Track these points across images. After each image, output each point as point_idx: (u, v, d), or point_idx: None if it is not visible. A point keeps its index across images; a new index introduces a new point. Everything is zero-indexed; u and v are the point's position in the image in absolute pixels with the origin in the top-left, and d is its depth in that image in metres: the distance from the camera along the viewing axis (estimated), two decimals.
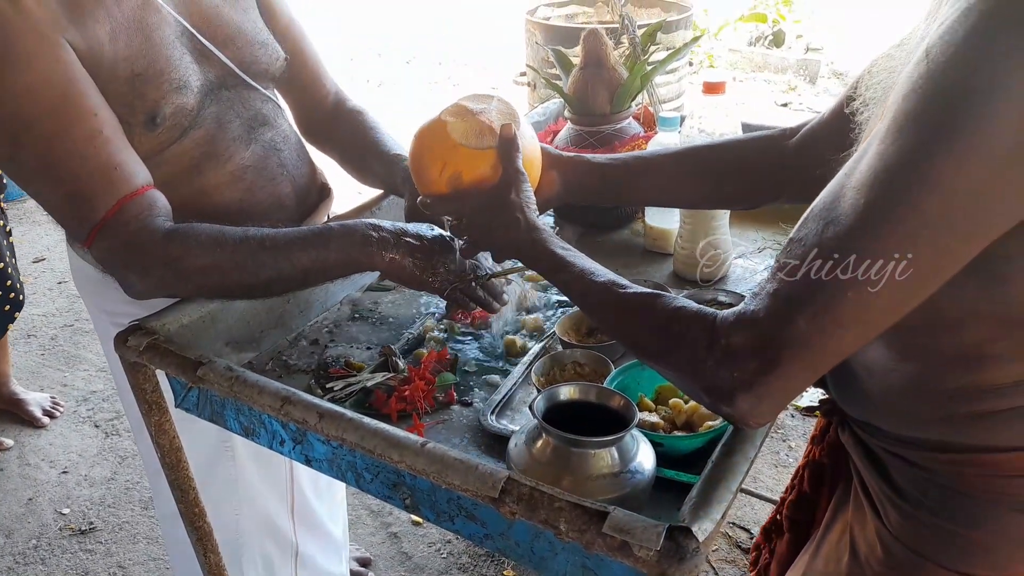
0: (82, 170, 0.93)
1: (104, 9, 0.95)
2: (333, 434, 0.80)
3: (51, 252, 3.43)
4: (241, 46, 1.10)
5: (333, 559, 1.53)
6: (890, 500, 0.73)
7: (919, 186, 0.54)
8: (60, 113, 0.91)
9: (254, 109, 1.13)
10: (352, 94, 1.37)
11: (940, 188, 0.53)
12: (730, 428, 0.78)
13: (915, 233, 0.55)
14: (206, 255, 0.94)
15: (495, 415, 0.97)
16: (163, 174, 1.03)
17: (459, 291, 1.02)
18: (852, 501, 0.80)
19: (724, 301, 1.14)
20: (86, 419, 2.43)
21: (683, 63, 3.63)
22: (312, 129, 1.31)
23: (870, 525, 0.76)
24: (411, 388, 1.01)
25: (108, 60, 0.95)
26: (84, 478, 2.19)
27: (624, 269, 1.33)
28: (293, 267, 0.96)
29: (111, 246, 0.95)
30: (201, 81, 1.04)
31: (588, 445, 0.75)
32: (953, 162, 0.53)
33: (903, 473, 0.72)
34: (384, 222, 1.02)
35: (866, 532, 0.76)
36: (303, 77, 1.26)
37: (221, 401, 0.95)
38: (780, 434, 2.22)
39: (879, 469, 0.75)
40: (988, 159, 0.52)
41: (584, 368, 1.02)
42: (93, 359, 2.71)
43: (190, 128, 1.04)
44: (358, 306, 1.25)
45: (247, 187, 1.11)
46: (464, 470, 0.71)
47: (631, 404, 0.80)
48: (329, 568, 1.52)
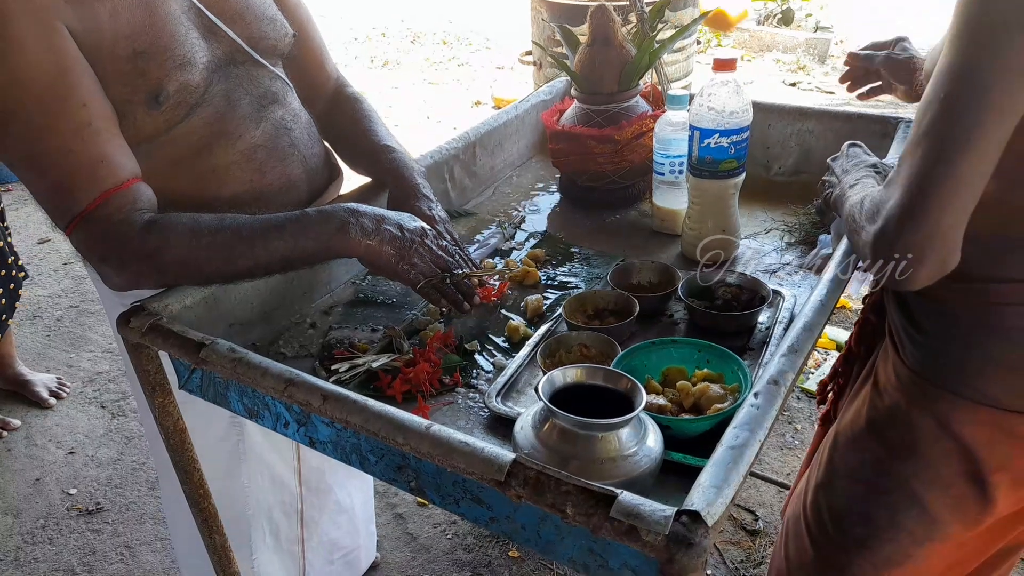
0: (67, 162, 0.91)
1: None
2: (337, 416, 0.79)
3: (56, 233, 3.42)
4: (250, 21, 1.08)
5: (344, 529, 1.52)
6: (907, 333, 0.91)
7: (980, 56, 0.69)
8: (48, 104, 0.89)
9: (263, 87, 1.11)
10: (356, 73, 1.35)
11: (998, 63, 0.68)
12: (739, 410, 0.77)
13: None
14: (183, 247, 0.94)
15: (500, 397, 0.96)
16: (171, 154, 1.02)
17: (431, 286, 1.01)
18: (881, 348, 0.98)
19: (732, 283, 1.13)
20: (92, 400, 2.43)
21: (691, 42, 3.59)
22: (310, 112, 1.30)
23: (891, 360, 0.94)
24: (416, 370, 1.00)
25: (108, 40, 0.93)
26: (91, 458, 2.20)
27: (632, 250, 1.32)
28: (270, 255, 0.96)
29: (89, 239, 0.94)
30: (208, 57, 1.02)
31: (595, 428, 0.74)
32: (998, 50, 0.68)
33: (921, 308, 0.89)
34: (364, 207, 1.00)
35: (887, 366, 0.94)
36: (306, 60, 1.24)
37: (224, 383, 0.94)
38: (786, 416, 2.22)
39: (904, 310, 0.91)
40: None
41: (590, 350, 1.01)
42: (99, 340, 2.72)
43: (197, 106, 1.02)
44: (361, 287, 1.24)
45: (258, 167, 1.09)
46: (469, 453, 0.70)
47: (638, 386, 0.79)
48: (337, 538, 1.51)
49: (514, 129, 1.62)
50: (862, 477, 0.98)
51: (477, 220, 1.44)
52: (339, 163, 1.30)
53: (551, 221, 1.44)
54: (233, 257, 0.95)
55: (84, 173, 0.92)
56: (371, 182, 1.28)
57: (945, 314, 0.88)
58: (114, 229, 0.93)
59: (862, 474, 0.98)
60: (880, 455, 0.96)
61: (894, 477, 0.94)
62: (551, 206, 1.50)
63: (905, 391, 0.92)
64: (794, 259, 1.26)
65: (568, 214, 1.47)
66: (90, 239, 0.94)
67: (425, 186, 1.17)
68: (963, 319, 0.86)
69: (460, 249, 1.10)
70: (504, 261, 1.29)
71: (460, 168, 1.48)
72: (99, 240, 0.94)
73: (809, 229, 1.29)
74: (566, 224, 1.43)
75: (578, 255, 1.32)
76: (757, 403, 0.74)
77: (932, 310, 0.89)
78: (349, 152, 1.28)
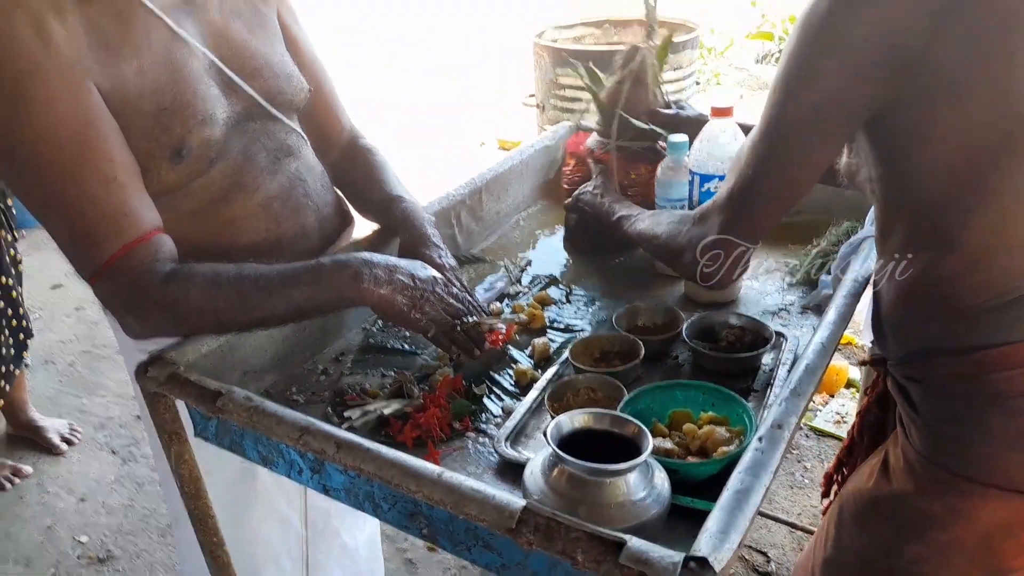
0: (92, 214, 0.95)
1: (132, 46, 0.97)
2: (351, 464, 0.81)
3: (68, 279, 3.46)
4: (268, 78, 1.12)
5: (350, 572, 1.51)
6: (911, 419, 0.89)
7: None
8: (76, 157, 0.93)
9: (279, 140, 1.15)
10: (363, 113, 1.39)
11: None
12: (744, 454, 0.78)
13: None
14: (202, 297, 0.97)
15: (510, 442, 0.98)
16: (190, 206, 1.06)
17: (441, 334, 1.04)
18: (892, 435, 0.96)
19: (735, 324, 1.15)
20: (104, 445, 2.45)
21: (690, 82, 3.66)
22: (324, 163, 1.34)
23: (900, 445, 0.92)
24: (426, 415, 1.02)
25: (134, 97, 0.97)
26: (102, 505, 2.20)
27: (636, 291, 1.34)
28: (287, 305, 0.99)
29: (113, 289, 0.97)
30: (227, 113, 1.06)
31: (603, 473, 0.76)
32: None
33: (917, 393, 0.88)
34: (377, 257, 1.03)
35: (896, 450, 0.93)
36: (321, 112, 1.29)
37: (240, 431, 0.96)
38: (795, 454, 2.21)
39: (905, 396, 0.91)
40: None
41: (597, 393, 1.03)
42: (111, 385, 2.74)
43: (216, 160, 1.05)
44: (372, 332, 1.26)
45: (273, 217, 1.12)
46: (481, 500, 0.72)
47: (644, 431, 0.80)
48: None
49: (519, 174, 1.66)
50: (870, 559, 0.94)
51: (484, 265, 1.47)
52: (350, 210, 1.34)
53: (556, 264, 1.47)
54: (250, 307, 0.98)
55: (108, 225, 0.96)
56: (381, 229, 1.31)
57: (940, 394, 0.86)
58: (136, 280, 0.96)
59: (870, 555, 0.94)
60: (890, 538, 0.92)
61: (905, 561, 0.90)
62: (556, 249, 1.53)
63: (914, 475, 0.89)
64: (796, 299, 1.28)
65: (573, 256, 1.49)
66: (113, 290, 0.97)
67: (435, 235, 1.20)
68: (957, 396, 0.84)
69: (469, 296, 1.12)
70: (512, 305, 1.31)
71: (467, 213, 1.52)
72: (121, 291, 0.97)
73: (810, 269, 1.32)
74: (571, 266, 1.46)
75: (583, 298, 1.34)
76: (761, 447, 0.76)
77: (928, 391, 0.87)
78: (362, 201, 1.31)
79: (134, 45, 0.97)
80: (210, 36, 1.06)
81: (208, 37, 1.06)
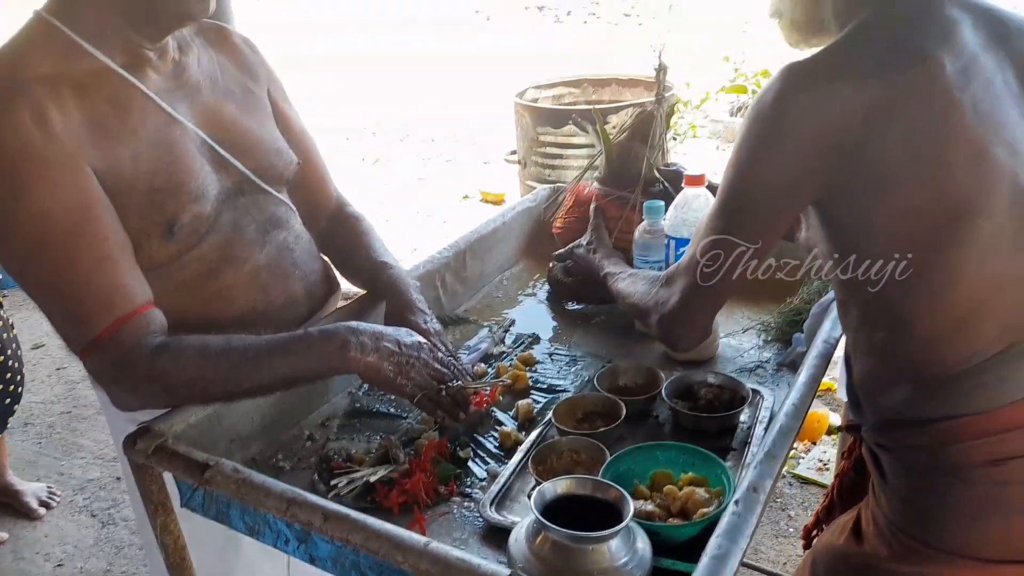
0: (85, 292, 0.97)
1: (129, 130, 1.01)
2: (338, 535, 0.82)
3: (50, 339, 3.44)
4: (259, 155, 1.16)
5: None
6: (881, 486, 0.93)
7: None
8: (72, 239, 0.96)
9: (268, 212, 1.18)
10: (347, 170, 1.43)
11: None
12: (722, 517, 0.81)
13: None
14: (191, 369, 0.99)
15: (495, 506, 0.99)
16: (181, 278, 1.08)
17: (427, 398, 1.07)
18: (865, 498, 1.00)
19: (713, 383, 1.18)
20: (82, 508, 2.41)
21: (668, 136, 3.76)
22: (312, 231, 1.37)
23: (871, 509, 0.95)
24: (412, 481, 1.03)
25: (129, 178, 1.00)
26: (80, 570, 2.16)
27: (616, 349, 1.37)
28: (274, 375, 1.01)
29: (104, 363, 0.99)
30: (218, 189, 1.10)
31: (585, 540, 0.78)
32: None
33: (887, 461, 0.92)
34: (363, 325, 1.06)
35: (867, 512, 0.96)
36: (310, 183, 1.32)
37: (227, 501, 0.97)
38: (779, 503, 2.22)
39: (876, 464, 0.94)
40: None
41: (580, 455, 1.05)
42: (91, 446, 2.71)
43: (207, 234, 1.08)
44: (357, 397, 1.28)
45: (262, 287, 1.15)
46: (467, 570, 0.74)
47: (625, 496, 0.82)
48: None
49: (501, 236, 1.70)
50: None
51: (468, 325, 1.50)
52: (337, 276, 1.37)
53: (540, 322, 1.50)
54: (239, 378, 1.00)
55: (100, 301, 0.98)
56: (368, 294, 1.34)
57: (906, 464, 0.89)
58: (127, 354, 0.98)
59: None
60: None
61: None
62: (539, 308, 1.57)
63: (886, 540, 0.91)
64: (772, 356, 1.32)
65: (556, 316, 1.53)
66: (103, 364, 0.99)
67: (420, 300, 1.24)
68: (921, 467, 0.87)
69: (454, 360, 1.15)
70: (496, 366, 1.34)
71: (451, 275, 1.55)
72: (111, 365, 0.99)
73: (784, 327, 1.36)
74: (554, 326, 1.49)
75: (566, 357, 1.37)
76: (738, 510, 0.78)
77: (896, 461, 0.91)
78: (349, 267, 1.35)
79: (131, 129, 1.01)
80: (203, 117, 1.10)
81: (201, 118, 1.10)
